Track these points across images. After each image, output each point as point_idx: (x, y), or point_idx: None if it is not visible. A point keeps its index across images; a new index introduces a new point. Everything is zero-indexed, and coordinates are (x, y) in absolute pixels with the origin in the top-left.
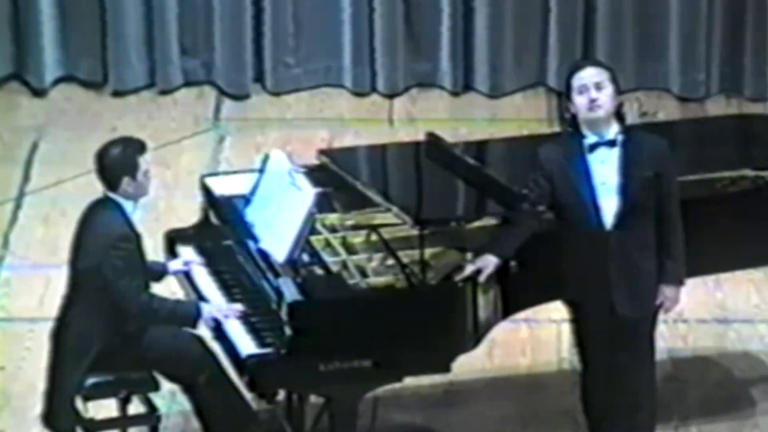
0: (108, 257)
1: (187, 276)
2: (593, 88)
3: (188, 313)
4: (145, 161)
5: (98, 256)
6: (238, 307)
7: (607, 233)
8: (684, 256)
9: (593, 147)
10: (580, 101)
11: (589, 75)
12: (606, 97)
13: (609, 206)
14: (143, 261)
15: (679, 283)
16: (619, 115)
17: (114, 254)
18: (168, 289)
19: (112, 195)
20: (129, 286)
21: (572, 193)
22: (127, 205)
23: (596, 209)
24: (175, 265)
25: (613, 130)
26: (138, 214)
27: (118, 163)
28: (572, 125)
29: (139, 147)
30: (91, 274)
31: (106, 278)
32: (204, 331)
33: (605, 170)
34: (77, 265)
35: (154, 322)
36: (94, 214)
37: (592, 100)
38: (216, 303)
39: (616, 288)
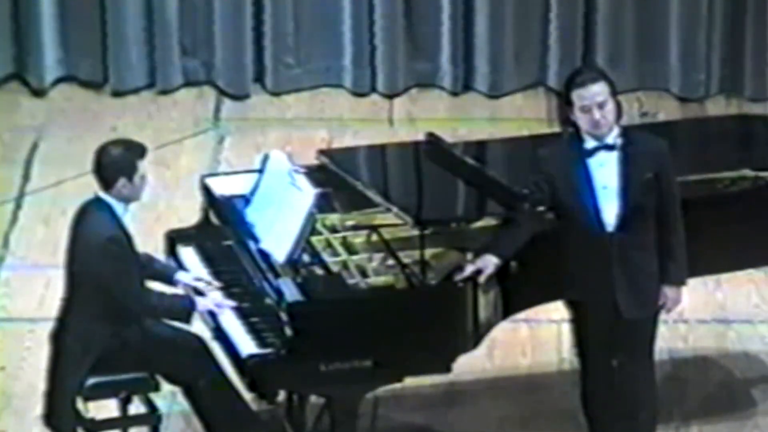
0: (100, 260)
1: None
2: (596, 108)
3: (183, 306)
4: (143, 165)
5: (91, 259)
6: (231, 302)
7: (608, 236)
8: (685, 257)
9: (593, 151)
10: (582, 119)
11: (591, 95)
12: (609, 114)
13: (610, 209)
14: (137, 259)
15: (681, 283)
16: (617, 115)
17: (106, 256)
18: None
19: (103, 195)
20: (125, 285)
21: (573, 196)
22: (118, 207)
23: (597, 212)
24: (184, 278)
25: (613, 135)
26: (128, 217)
27: (117, 163)
28: (572, 127)
29: (140, 151)
30: (86, 277)
31: (102, 280)
32: (204, 331)
33: (605, 174)
34: (72, 268)
35: (152, 317)
36: (84, 216)
37: (596, 121)
38: (210, 297)
39: (620, 290)
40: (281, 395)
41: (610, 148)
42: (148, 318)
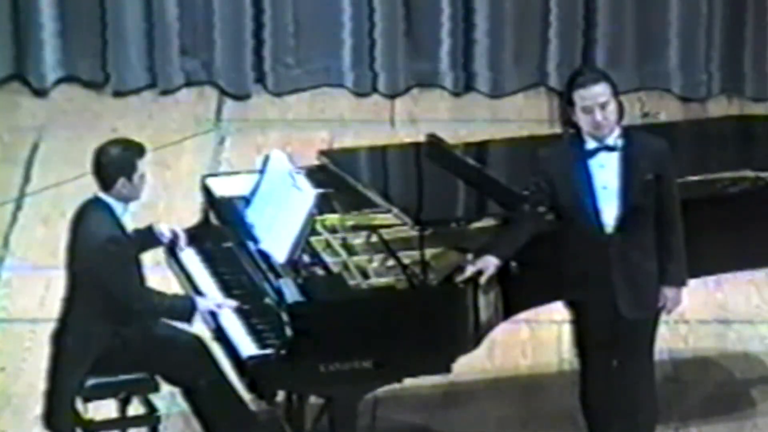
0: (100, 261)
1: (187, 277)
2: (597, 109)
3: (184, 306)
4: (142, 164)
5: (91, 258)
6: (233, 302)
7: (608, 236)
8: (685, 257)
9: (593, 152)
10: (584, 119)
11: (593, 95)
12: (610, 115)
13: (609, 210)
14: (137, 259)
15: (681, 284)
16: (619, 116)
17: (105, 256)
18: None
19: (103, 196)
20: (126, 284)
21: (573, 197)
22: (117, 207)
23: (597, 213)
24: (162, 227)
25: (614, 136)
26: (128, 217)
27: (116, 163)
28: (573, 127)
29: (139, 150)
30: (86, 277)
31: (101, 281)
32: (204, 331)
33: (606, 175)
34: (73, 268)
35: (153, 317)
36: (84, 216)
37: (598, 122)
38: (211, 297)
39: (620, 291)
40: (280, 395)
41: (610, 149)
42: (148, 318)
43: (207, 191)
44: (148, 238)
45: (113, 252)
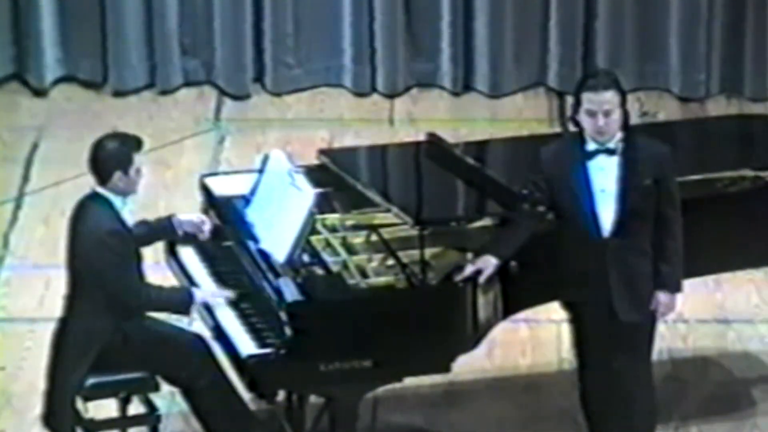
0: (100, 254)
1: (187, 276)
2: (602, 115)
3: (182, 299)
4: (139, 158)
5: (90, 252)
6: (228, 293)
7: (605, 240)
8: (682, 263)
9: (593, 154)
10: (587, 122)
11: (600, 101)
12: (613, 123)
13: (607, 213)
14: (137, 253)
15: (675, 289)
16: (624, 120)
17: (105, 249)
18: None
19: (101, 190)
20: (125, 278)
21: (571, 198)
22: (116, 201)
23: (594, 216)
24: (185, 217)
25: (615, 139)
26: (127, 211)
27: (113, 157)
28: (577, 126)
29: (135, 143)
30: (87, 273)
31: (101, 275)
32: (204, 331)
33: (604, 178)
34: (73, 264)
35: (152, 310)
36: (83, 211)
37: (599, 128)
38: (207, 288)
39: (617, 294)
40: (281, 395)
41: (611, 152)
42: (147, 310)
43: (206, 190)
44: (165, 228)
45: (113, 245)
